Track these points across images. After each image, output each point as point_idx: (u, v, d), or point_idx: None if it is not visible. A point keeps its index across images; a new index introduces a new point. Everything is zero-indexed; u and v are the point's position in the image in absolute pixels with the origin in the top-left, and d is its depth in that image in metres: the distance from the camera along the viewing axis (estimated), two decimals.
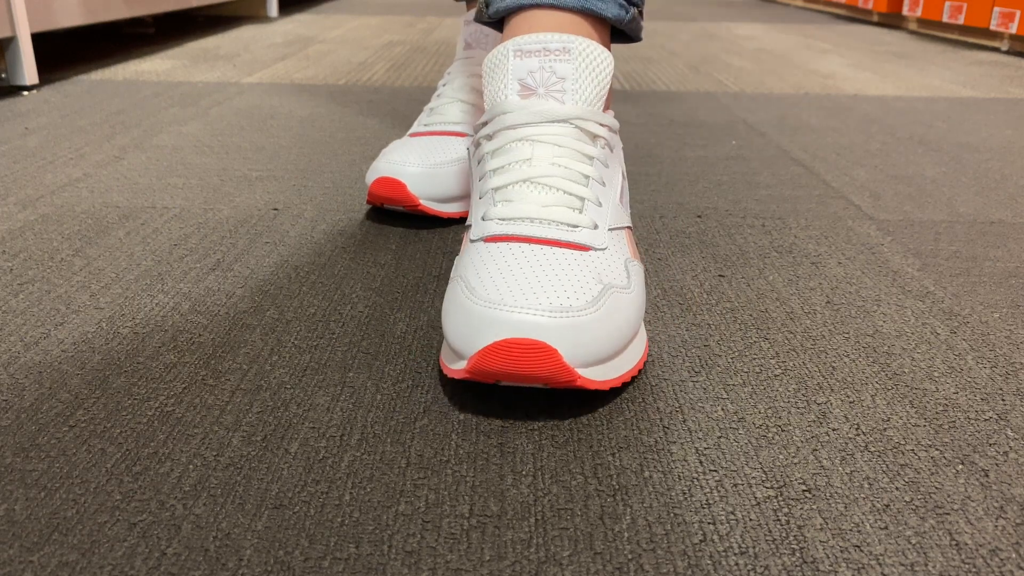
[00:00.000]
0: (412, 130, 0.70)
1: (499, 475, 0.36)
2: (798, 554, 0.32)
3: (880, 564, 0.31)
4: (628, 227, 0.48)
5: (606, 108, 0.52)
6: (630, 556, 0.31)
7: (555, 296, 0.38)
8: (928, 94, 1.31)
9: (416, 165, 0.64)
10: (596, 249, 0.43)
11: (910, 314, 0.53)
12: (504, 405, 0.41)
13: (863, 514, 0.34)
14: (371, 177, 0.65)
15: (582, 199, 0.45)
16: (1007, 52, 1.85)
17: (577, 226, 0.44)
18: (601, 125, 0.47)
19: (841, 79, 1.44)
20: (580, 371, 0.38)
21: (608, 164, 0.47)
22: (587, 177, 0.46)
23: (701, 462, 0.37)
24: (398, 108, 1.12)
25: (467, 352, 0.39)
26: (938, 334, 0.50)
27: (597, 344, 0.38)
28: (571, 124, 0.46)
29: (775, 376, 0.45)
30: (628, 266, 0.44)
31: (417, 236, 0.64)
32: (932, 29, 2.17)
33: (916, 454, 0.38)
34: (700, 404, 0.42)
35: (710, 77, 1.43)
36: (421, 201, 0.64)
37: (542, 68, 0.46)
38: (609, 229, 0.45)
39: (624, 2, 0.52)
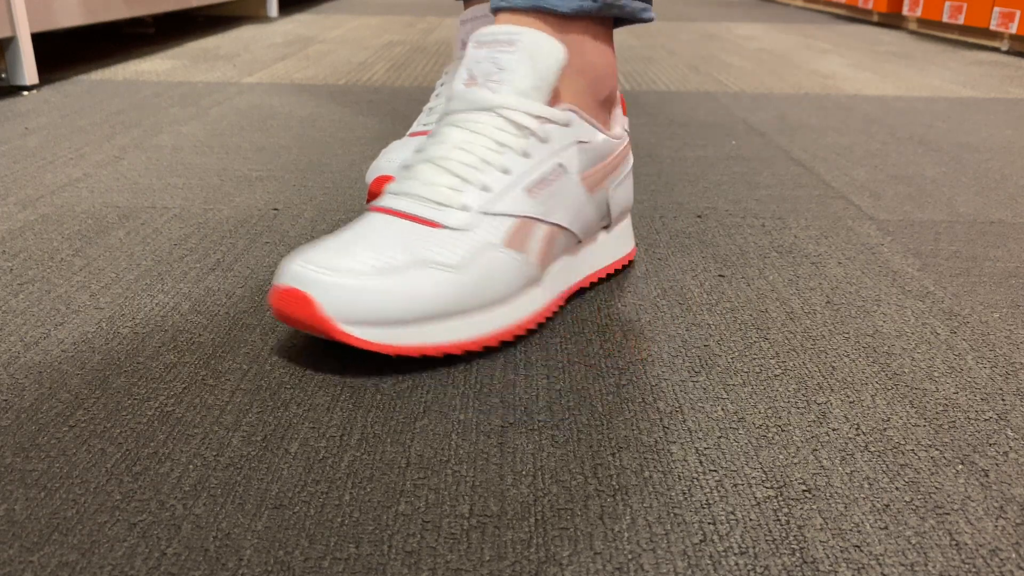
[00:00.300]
0: (412, 130, 0.70)
1: (499, 475, 0.36)
2: (798, 554, 0.32)
3: (880, 564, 0.31)
4: (529, 217, 0.48)
5: (572, 101, 0.51)
6: (630, 556, 0.31)
7: (346, 258, 0.43)
8: (928, 94, 1.31)
9: None
10: (450, 228, 0.45)
11: (910, 314, 0.53)
12: (504, 405, 0.41)
13: (863, 514, 0.34)
14: (371, 176, 0.65)
15: (467, 182, 0.47)
16: (1007, 52, 1.85)
17: (446, 206, 0.46)
18: (534, 116, 0.48)
19: (841, 79, 1.44)
20: (347, 328, 0.42)
21: (531, 154, 0.48)
22: (487, 163, 0.47)
23: (701, 462, 0.37)
24: (398, 108, 1.12)
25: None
26: (938, 334, 0.50)
27: (371, 307, 0.42)
28: (496, 113, 0.48)
29: (775, 376, 0.45)
30: (482, 251, 0.45)
31: None
32: (932, 29, 2.17)
33: (916, 454, 0.38)
34: (700, 404, 0.42)
35: (710, 77, 1.43)
36: None
37: (487, 59, 0.48)
38: (485, 213, 0.46)
39: None
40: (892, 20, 2.39)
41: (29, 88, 1.18)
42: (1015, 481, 0.36)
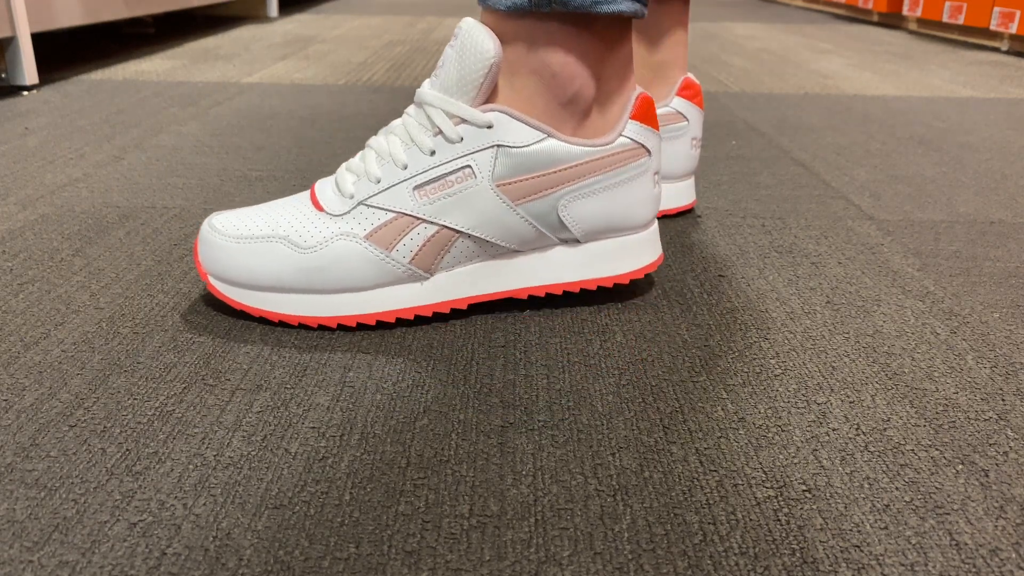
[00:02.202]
0: None
1: (499, 475, 0.36)
2: (798, 554, 0.32)
3: (880, 564, 0.31)
4: (408, 215, 0.47)
5: (517, 102, 0.48)
6: (630, 556, 0.31)
7: (233, 222, 0.49)
8: (928, 94, 1.31)
9: None
10: (328, 213, 0.48)
11: (910, 314, 0.53)
12: (504, 405, 0.41)
13: (863, 514, 0.34)
14: None
15: (365, 173, 0.48)
16: (1007, 52, 1.85)
17: (339, 192, 0.49)
18: (450, 115, 0.47)
19: (841, 79, 1.44)
20: (212, 279, 0.49)
21: (436, 152, 0.47)
22: (391, 157, 0.48)
23: (701, 462, 0.37)
24: (398, 108, 1.12)
25: None
26: (938, 334, 0.50)
27: (226, 266, 0.48)
28: (420, 108, 0.49)
29: (775, 376, 0.45)
30: (338, 238, 0.47)
31: None
32: (932, 29, 2.17)
33: (916, 454, 0.38)
34: (700, 404, 0.42)
35: (710, 77, 1.43)
36: None
37: (444, 51, 0.49)
38: (364, 204, 0.48)
39: None
40: (892, 20, 2.39)
41: (29, 88, 1.18)
42: (1015, 481, 0.36)
